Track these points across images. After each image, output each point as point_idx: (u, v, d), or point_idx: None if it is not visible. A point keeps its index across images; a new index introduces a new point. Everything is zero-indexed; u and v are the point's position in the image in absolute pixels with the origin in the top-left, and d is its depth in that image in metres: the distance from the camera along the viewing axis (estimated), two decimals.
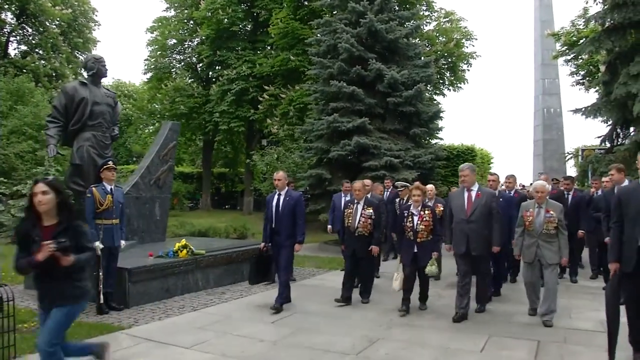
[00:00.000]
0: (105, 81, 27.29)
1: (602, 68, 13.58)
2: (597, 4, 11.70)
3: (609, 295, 4.37)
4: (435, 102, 15.96)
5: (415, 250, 6.03)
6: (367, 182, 8.21)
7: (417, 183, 6.74)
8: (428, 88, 13.99)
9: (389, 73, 12.54)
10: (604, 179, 7.93)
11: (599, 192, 8.14)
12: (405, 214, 6.18)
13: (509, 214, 6.85)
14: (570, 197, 8.49)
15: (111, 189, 6.24)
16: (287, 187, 6.52)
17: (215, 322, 5.65)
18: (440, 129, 14.24)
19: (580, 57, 15.57)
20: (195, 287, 7.31)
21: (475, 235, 5.74)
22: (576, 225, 7.96)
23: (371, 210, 6.57)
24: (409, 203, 6.52)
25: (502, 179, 8.37)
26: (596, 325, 5.50)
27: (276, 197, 6.49)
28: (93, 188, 6.13)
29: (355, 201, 6.70)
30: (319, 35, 14.49)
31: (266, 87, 19.76)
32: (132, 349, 4.73)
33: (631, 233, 4.19)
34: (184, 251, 7.37)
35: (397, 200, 9.25)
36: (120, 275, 6.40)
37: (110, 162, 6.28)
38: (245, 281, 8.32)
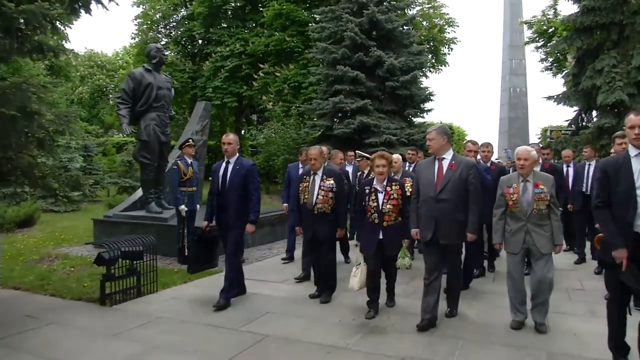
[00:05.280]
0: (79, 50, 27.36)
1: (570, 58, 15.59)
2: (568, 1, 13.52)
3: (612, 294, 3.64)
4: (422, 84, 17.60)
5: (381, 237, 4.83)
6: (325, 148, 6.32)
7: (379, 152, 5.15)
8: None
9: (388, 60, 14.09)
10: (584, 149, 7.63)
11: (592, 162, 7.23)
12: (367, 191, 4.94)
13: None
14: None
15: (191, 162, 7.59)
16: (237, 154, 5.47)
17: (282, 269, 7.04)
18: (430, 110, 16.00)
19: (548, 45, 17.51)
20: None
21: (446, 218, 4.53)
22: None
23: (332, 182, 5.36)
24: (371, 177, 5.28)
25: None
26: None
27: (224, 165, 5.45)
28: (178, 161, 7.45)
29: (312, 172, 5.48)
30: (322, 22, 15.78)
31: (261, 65, 20.85)
32: None
33: (623, 215, 3.38)
34: None
35: (359, 174, 7.67)
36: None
37: (190, 140, 7.61)
38: (280, 240, 9.86)
